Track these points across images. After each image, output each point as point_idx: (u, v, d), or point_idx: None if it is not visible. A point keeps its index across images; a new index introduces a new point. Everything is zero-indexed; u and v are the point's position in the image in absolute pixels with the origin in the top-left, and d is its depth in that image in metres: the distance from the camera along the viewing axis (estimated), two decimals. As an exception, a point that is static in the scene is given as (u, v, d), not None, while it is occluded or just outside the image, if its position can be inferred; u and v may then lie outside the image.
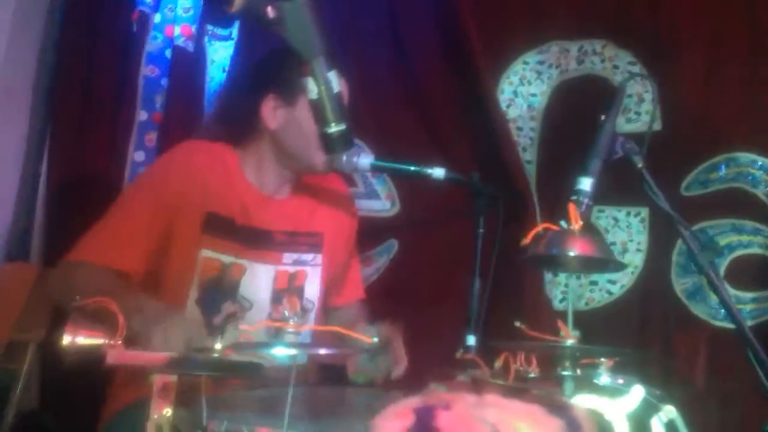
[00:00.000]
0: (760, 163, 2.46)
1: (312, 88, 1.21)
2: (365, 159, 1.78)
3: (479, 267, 1.88)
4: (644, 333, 2.43)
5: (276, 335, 1.78)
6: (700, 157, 2.49)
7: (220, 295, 1.80)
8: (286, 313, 1.06)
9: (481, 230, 1.91)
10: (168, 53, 2.77)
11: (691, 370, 2.32)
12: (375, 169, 1.80)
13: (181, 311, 1.70)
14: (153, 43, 2.80)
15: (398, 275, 2.58)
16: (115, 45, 2.76)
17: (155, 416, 1.19)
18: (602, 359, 1.35)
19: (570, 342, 1.24)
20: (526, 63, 2.65)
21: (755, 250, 2.42)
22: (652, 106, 1.51)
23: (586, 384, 1.22)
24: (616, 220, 2.53)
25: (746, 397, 2.09)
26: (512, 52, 2.64)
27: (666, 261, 2.47)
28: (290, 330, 1.05)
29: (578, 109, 2.58)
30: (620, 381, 1.29)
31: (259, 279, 1.83)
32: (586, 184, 1.50)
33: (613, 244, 2.52)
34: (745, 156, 2.47)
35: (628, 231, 2.52)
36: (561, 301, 2.55)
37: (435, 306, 2.46)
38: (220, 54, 2.84)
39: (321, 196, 1.97)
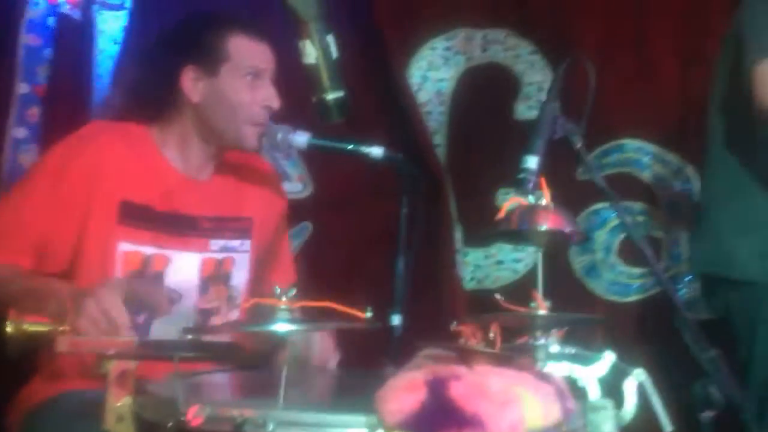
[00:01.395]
0: (645, 149, 2.66)
1: (309, 51, 1.16)
2: (301, 137, 1.72)
3: (404, 247, 1.90)
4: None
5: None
6: (594, 144, 2.66)
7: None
8: (278, 289, 1.02)
9: (405, 210, 1.93)
10: (52, 21, 2.56)
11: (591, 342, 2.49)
12: (311, 148, 1.75)
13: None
14: (34, 9, 2.57)
15: (312, 258, 2.55)
16: (-9, 10, 2.51)
17: (114, 405, 1.11)
18: (553, 330, 1.40)
19: (542, 312, 1.28)
20: (433, 48, 2.70)
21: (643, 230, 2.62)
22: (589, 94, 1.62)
23: (556, 352, 1.26)
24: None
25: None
26: (421, 38, 2.69)
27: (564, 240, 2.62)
28: (283, 307, 1.01)
29: (483, 95, 2.68)
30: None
31: (185, 269, 1.71)
32: (532, 162, 1.55)
33: (518, 224, 2.63)
34: (632, 143, 2.66)
35: (531, 212, 2.64)
36: (470, 280, 2.63)
37: (349, 288, 2.45)
38: (110, 24, 2.66)
39: (247, 177, 1.86)
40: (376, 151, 1.80)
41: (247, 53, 1.72)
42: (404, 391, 0.96)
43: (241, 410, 1.00)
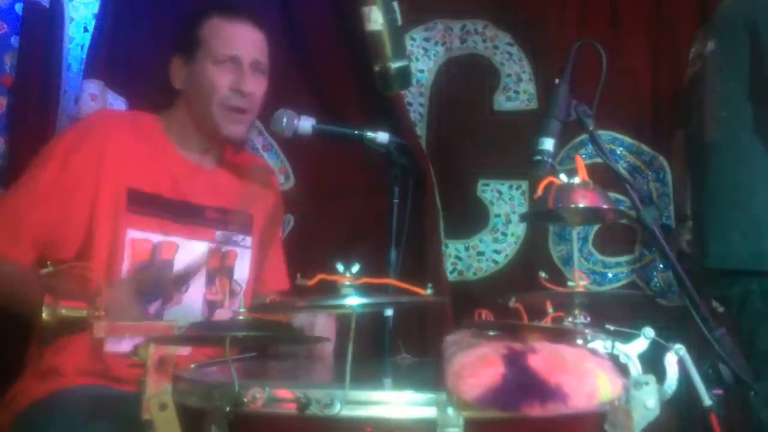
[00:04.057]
0: (619, 140, 2.72)
1: (375, 18, 1.12)
2: (306, 122, 1.69)
3: (395, 237, 1.88)
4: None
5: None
6: (570, 135, 2.70)
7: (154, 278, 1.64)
8: (338, 267, 0.99)
9: (396, 200, 1.91)
10: (19, 8, 2.43)
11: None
12: (316, 133, 1.71)
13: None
14: (1, -5, 2.44)
15: (294, 251, 2.49)
16: (-48, -4, 2.36)
17: (155, 393, 1.05)
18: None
19: (580, 290, 1.28)
20: (413, 39, 2.69)
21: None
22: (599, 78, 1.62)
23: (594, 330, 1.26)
24: (500, 192, 2.66)
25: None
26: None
27: (544, 230, 2.65)
28: (347, 284, 0.97)
29: (463, 86, 2.69)
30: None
31: (194, 257, 1.70)
32: (548, 144, 1.54)
33: (498, 215, 2.65)
34: (606, 134, 2.71)
35: (510, 203, 2.66)
36: (452, 272, 2.63)
37: (332, 280, 2.41)
38: (80, 12, 2.55)
39: (248, 175, 1.87)
40: (382, 136, 1.77)
41: (220, 38, 1.73)
42: (481, 366, 0.93)
43: (304, 390, 0.96)
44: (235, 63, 1.71)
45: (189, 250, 1.68)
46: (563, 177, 1.31)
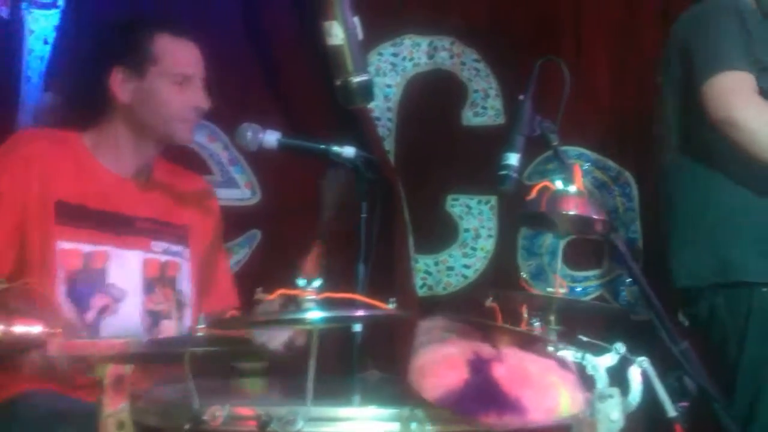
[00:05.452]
0: (585, 155, 2.75)
1: (336, 32, 1.12)
2: (271, 136, 1.69)
3: (364, 252, 1.87)
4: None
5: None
6: (537, 150, 2.72)
7: (87, 288, 1.66)
8: (299, 282, 0.97)
9: (364, 215, 1.90)
10: (-23, 20, 2.40)
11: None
12: (282, 147, 1.71)
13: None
14: (-41, 7, 2.40)
15: (261, 267, 2.47)
16: None
17: (111, 412, 1.02)
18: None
19: (561, 295, 1.28)
20: (381, 54, 2.70)
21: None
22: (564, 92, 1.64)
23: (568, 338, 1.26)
24: (469, 207, 2.67)
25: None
26: (368, 44, 2.65)
27: (513, 245, 2.67)
28: (308, 298, 0.96)
29: (431, 101, 2.70)
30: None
31: (127, 265, 1.72)
32: (513, 159, 1.55)
33: (467, 230, 2.65)
34: (573, 149, 2.74)
35: (479, 218, 2.67)
36: (422, 287, 2.62)
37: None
38: (41, 23, 2.52)
39: (182, 189, 1.89)
40: (348, 150, 1.77)
41: (175, 56, 1.76)
42: (445, 367, 0.93)
43: (266, 408, 0.94)
44: (190, 81, 1.76)
45: (121, 259, 1.70)
46: (559, 184, 1.30)
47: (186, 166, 2.01)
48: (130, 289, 1.70)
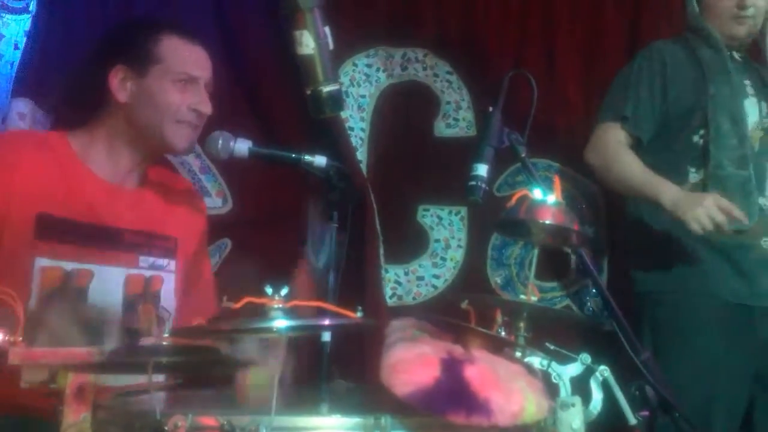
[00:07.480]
0: (554, 168, 2.79)
1: (306, 42, 1.12)
2: (242, 144, 1.67)
3: (334, 261, 1.88)
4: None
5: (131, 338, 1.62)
6: (508, 162, 2.75)
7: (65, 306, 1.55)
8: (268, 290, 0.98)
9: (335, 225, 1.91)
10: (-55, 24, 2.37)
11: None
12: (253, 156, 1.70)
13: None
14: (-73, 11, 2.37)
15: (231, 276, 2.45)
16: None
17: (73, 422, 1.02)
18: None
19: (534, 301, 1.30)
20: (355, 65, 2.71)
21: (554, 245, 2.74)
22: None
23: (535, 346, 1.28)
24: (439, 218, 2.69)
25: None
26: (342, 54, 2.68)
27: (482, 256, 2.69)
28: (276, 306, 0.97)
29: (404, 112, 2.72)
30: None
31: (109, 283, 1.64)
32: (482, 170, 1.57)
33: (438, 240, 2.68)
34: (542, 162, 2.78)
35: (450, 228, 2.69)
36: (391, 296, 2.63)
37: (270, 305, 2.39)
38: (11, 28, 2.49)
39: (171, 195, 1.82)
40: (319, 160, 1.77)
41: (180, 57, 1.71)
42: (417, 365, 0.94)
43: (228, 417, 0.94)
44: (193, 83, 1.70)
45: (105, 277, 1.62)
46: (537, 193, 1.32)
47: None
48: (111, 308, 1.62)
